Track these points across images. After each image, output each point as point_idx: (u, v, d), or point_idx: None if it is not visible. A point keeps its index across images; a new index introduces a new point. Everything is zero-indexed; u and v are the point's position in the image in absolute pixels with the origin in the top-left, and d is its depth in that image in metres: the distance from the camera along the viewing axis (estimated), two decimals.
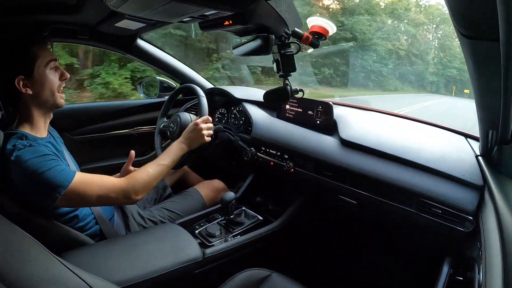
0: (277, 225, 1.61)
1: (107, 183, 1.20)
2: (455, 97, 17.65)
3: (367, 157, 1.41)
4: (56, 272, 0.67)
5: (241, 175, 2.06)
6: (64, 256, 1.06)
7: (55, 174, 1.10)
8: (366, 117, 1.81)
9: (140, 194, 1.25)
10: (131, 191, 1.22)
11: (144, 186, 1.26)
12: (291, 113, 1.84)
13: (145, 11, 1.22)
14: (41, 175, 1.07)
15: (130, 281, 1.08)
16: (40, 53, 1.21)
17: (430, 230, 1.24)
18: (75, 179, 1.13)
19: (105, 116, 2.19)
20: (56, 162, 1.14)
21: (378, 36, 17.45)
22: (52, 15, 1.54)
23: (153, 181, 1.30)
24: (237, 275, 1.20)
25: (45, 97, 1.23)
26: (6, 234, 0.66)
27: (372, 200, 1.36)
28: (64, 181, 1.11)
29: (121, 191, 1.20)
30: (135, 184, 1.23)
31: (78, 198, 1.14)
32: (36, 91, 1.20)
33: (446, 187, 1.19)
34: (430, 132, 1.58)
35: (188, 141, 1.46)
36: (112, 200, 1.21)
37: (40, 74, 1.21)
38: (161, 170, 1.34)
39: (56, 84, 1.25)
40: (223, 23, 1.22)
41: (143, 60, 2.21)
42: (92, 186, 1.16)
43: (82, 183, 1.14)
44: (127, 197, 1.22)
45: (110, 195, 1.19)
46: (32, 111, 1.23)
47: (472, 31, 0.59)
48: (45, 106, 1.25)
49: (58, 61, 1.28)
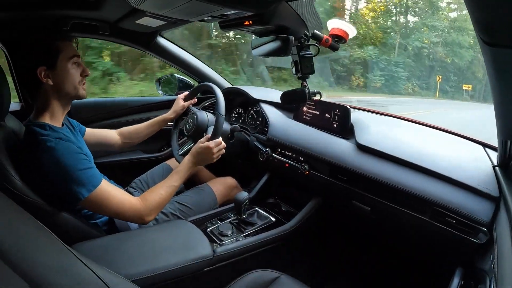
0: (289, 227, 1.60)
1: (126, 201, 1.25)
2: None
3: (383, 162, 1.39)
4: (67, 262, 0.67)
5: (255, 175, 2.06)
6: (76, 247, 1.07)
7: (87, 175, 1.16)
8: (384, 122, 1.79)
9: (152, 215, 1.31)
10: (145, 214, 1.28)
11: (157, 208, 1.32)
12: (308, 116, 1.82)
13: (166, 9, 1.22)
14: (74, 173, 1.12)
15: (140, 275, 1.09)
16: (64, 47, 1.23)
17: (442, 240, 1.22)
18: (101, 186, 1.19)
19: (122, 111, 2.23)
20: (89, 164, 1.19)
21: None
22: (74, 10, 1.57)
23: (164, 202, 1.36)
24: (246, 275, 1.19)
25: (67, 89, 1.25)
26: (19, 222, 0.67)
27: (386, 207, 1.34)
28: (90, 184, 1.16)
29: (137, 213, 1.26)
30: (149, 207, 1.29)
31: (97, 205, 1.20)
32: (56, 82, 1.22)
33: (461, 196, 1.17)
34: (448, 140, 1.55)
35: (197, 159, 1.48)
36: (125, 217, 1.28)
37: (63, 67, 1.22)
38: (172, 191, 1.39)
39: (77, 79, 1.27)
40: (243, 23, 1.22)
41: (162, 57, 2.23)
42: (112, 199, 1.21)
43: (105, 193, 1.20)
44: (141, 218, 1.28)
45: (125, 213, 1.25)
46: (51, 101, 1.24)
47: (494, 38, 0.58)
48: (66, 98, 1.27)
49: (81, 58, 1.29)
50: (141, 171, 1.92)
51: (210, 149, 1.47)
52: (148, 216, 1.28)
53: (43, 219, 0.72)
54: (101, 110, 2.17)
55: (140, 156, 2.27)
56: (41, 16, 1.52)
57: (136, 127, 1.83)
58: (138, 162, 2.22)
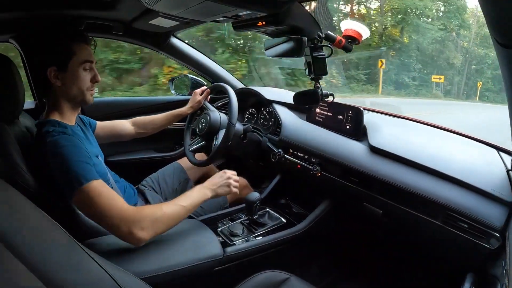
0: (300, 228, 1.59)
1: (117, 206, 1.07)
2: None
3: (395, 165, 1.37)
4: (78, 258, 0.68)
5: (266, 176, 2.05)
6: (87, 244, 1.09)
7: (82, 168, 1.08)
8: (397, 124, 1.77)
9: (146, 232, 1.07)
10: (136, 225, 1.05)
11: (153, 224, 1.09)
12: (320, 117, 1.82)
13: (179, 10, 1.23)
14: (70, 163, 1.07)
15: (150, 273, 1.10)
16: (78, 50, 1.23)
17: (454, 244, 1.20)
18: (95, 182, 1.08)
19: (134, 110, 2.25)
20: (87, 159, 1.14)
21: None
22: (89, 10, 1.59)
23: (166, 221, 1.14)
24: (256, 276, 1.19)
25: (74, 93, 1.25)
26: (31, 218, 0.68)
27: (398, 210, 1.32)
28: (83, 178, 1.06)
29: (124, 221, 1.05)
30: (143, 219, 1.07)
31: (85, 203, 1.08)
32: (65, 84, 1.22)
33: (474, 201, 1.14)
34: (461, 143, 1.52)
35: (214, 187, 1.34)
36: (111, 223, 1.06)
37: (73, 71, 1.22)
38: (178, 211, 1.18)
39: (86, 84, 1.27)
40: (256, 24, 1.22)
41: (175, 57, 2.25)
42: (102, 199, 1.06)
43: (97, 190, 1.07)
44: (129, 229, 1.05)
45: (112, 219, 1.06)
46: (61, 101, 1.25)
47: (508, 39, 0.57)
48: (73, 101, 1.28)
49: (94, 64, 1.29)
50: (153, 170, 1.94)
51: (226, 174, 1.41)
52: (138, 229, 1.05)
53: (55, 215, 0.73)
54: (114, 109, 2.20)
55: (152, 155, 2.29)
56: (56, 15, 1.54)
57: (152, 117, 1.85)
58: (150, 161, 2.24)
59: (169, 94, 2.42)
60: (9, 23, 1.57)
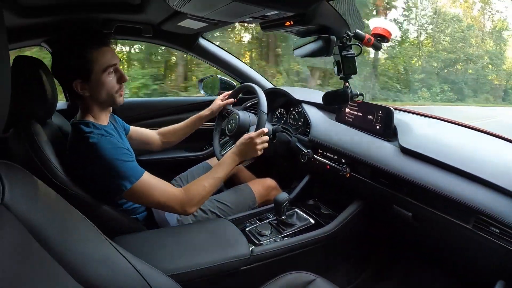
0: (328, 230, 1.57)
1: (169, 192, 1.27)
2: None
3: (426, 166, 1.32)
4: (107, 253, 0.71)
5: (295, 176, 2.04)
6: (116, 240, 1.12)
7: (129, 167, 1.20)
8: (428, 125, 1.71)
9: (195, 207, 1.32)
10: (187, 204, 1.29)
11: (200, 200, 1.33)
12: (350, 117, 1.78)
13: (207, 11, 1.25)
14: (117, 165, 1.17)
15: (177, 270, 1.11)
16: (98, 57, 1.20)
17: (485, 250, 1.15)
18: (143, 177, 1.22)
19: (164, 111, 2.30)
20: (130, 157, 1.24)
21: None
22: (118, 14, 1.64)
23: (207, 195, 1.36)
24: (282, 276, 1.19)
25: (103, 98, 1.27)
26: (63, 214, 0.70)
27: (428, 213, 1.28)
28: (133, 176, 1.20)
29: (179, 202, 1.28)
30: (192, 198, 1.30)
31: (140, 196, 1.24)
32: (93, 93, 1.24)
33: (507, 205, 1.09)
34: (495, 145, 1.45)
35: (241, 153, 1.49)
36: (168, 208, 1.29)
37: (97, 80, 1.22)
38: (216, 184, 1.39)
39: (114, 88, 1.28)
40: (284, 24, 1.22)
41: (204, 58, 2.28)
42: (154, 190, 1.24)
43: (147, 184, 1.23)
44: (183, 208, 1.29)
45: (168, 203, 1.26)
46: (92, 106, 1.28)
47: None
48: (104, 104, 1.31)
49: (118, 64, 1.28)
50: (182, 169, 1.97)
51: (253, 140, 1.48)
52: (190, 207, 1.30)
53: (86, 212, 0.76)
54: (143, 109, 2.25)
55: (182, 155, 2.32)
56: (86, 19, 1.59)
57: (173, 127, 1.88)
58: (180, 160, 2.28)
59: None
60: (42, 27, 1.63)
